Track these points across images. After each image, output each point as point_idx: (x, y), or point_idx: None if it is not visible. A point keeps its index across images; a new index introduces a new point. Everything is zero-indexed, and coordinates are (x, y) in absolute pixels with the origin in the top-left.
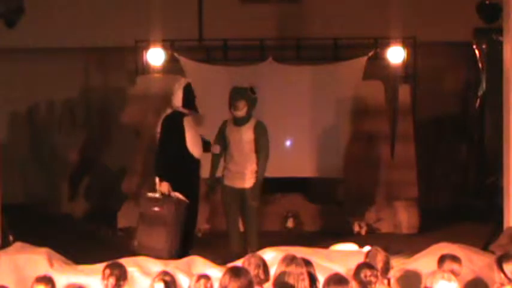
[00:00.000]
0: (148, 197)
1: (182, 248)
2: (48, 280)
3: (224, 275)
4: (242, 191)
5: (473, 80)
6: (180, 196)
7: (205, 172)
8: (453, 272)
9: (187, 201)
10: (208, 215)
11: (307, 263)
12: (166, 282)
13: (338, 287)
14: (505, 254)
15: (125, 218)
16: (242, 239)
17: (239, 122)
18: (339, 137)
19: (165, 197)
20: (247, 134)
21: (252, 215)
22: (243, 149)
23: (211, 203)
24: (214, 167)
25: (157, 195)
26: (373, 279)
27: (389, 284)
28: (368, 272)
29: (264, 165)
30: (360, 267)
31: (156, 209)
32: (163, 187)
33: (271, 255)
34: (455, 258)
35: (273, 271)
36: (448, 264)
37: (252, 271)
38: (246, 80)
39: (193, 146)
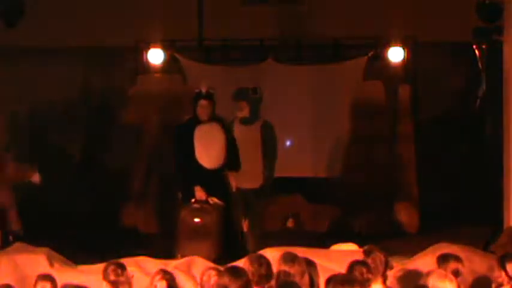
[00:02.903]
0: (187, 208)
1: (228, 252)
2: (50, 278)
3: (223, 275)
4: (248, 191)
5: (473, 80)
6: (217, 201)
7: None
8: (456, 272)
9: (223, 204)
10: None
11: (310, 263)
12: (168, 281)
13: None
14: (507, 254)
15: (127, 218)
16: (243, 239)
17: (245, 122)
18: (339, 137)
19: (204, 205)
20: (253, 133)
21: (255, 215)
22: (249, 149)
23: None
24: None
25: (195, 204)
26: (370, 277)
27: (385, 282)
28: (364, 270)
29: (272, 165)
30: (353, 265)
31: (197, 219)
32: (200, 194)
33: (272, 255)
34: (458, 258)
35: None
36: (451, 264)
37: (255, 270)
38: (246, 80)
39: (201, 157)
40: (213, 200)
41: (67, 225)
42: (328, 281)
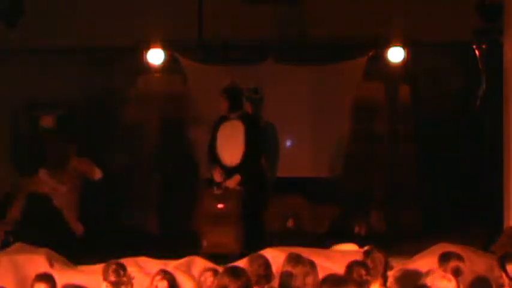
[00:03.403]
0: (210, 194)
1: (252, 241)
2: (48, 278)
3: (223, 275)
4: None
5: (473, 80)
6: (235, 185)
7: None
8: (456, 271)
9: (242, 190)
10: None
11: (310, 263)
12: (168, 281)
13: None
14: (507, 254)
15: (127, 218)
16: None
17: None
18: (339, 137)
19: (227, 191)
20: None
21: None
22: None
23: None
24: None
25: (217, 191)
26: (368, 278)
27: (385, 284)
28: (363, 271)
29: (274, 165)
30: (351, 266)
31: (220, 205)
32: (234, 181)
33: (272, 255)
34: (459, 257)
35: (273, 271)
36: (452, 263)
37: (256, 271)
38: (246, 80)
39: (221, 152)
40: (231, 184)
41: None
42: (323, 281)
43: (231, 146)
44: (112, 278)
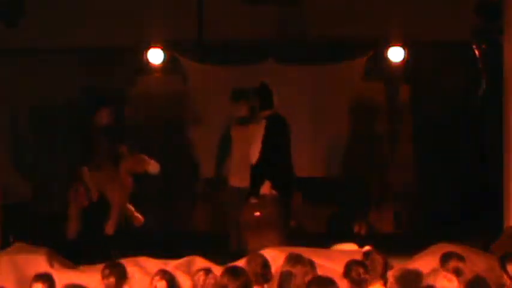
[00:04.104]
0: (248, 204)
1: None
2: (46, 278)
3: (223, 274)
4: (246, 191)
5: (473, 80)
6: (275, 193)
7: (209, 172)
8: (457, 271)
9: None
10: (209, 215)
11: (310, 263)
12: (167, 281)
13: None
14: (508, 254)
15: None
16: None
17: (243, 122)
18: (339, 137)
19: (264, 198)
20: (252, 133)
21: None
22: (247, 149)
23: (212, 203)
24: (219, 166)
25: (254, 199)
26: (366, 277)
27: (385, 284)
28: (361, 270)
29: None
30: (350, 265)
31: (257, 213)
32: (266, 188)
33: (272, 255)
34: (459, 257)
35: (273, 271)
36: (452, 263)
37: (255, 270)
38: (246, 80)
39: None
40: (273, 193)
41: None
42: (309, 283)
43: (257, 147)
44: (111, 277)
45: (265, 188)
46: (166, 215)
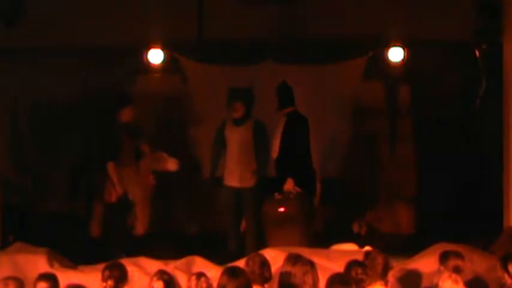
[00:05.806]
0: (272, 199)
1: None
2: (50, 278)
3: (222, 274)
4: (242, 191)
5: (473, 80)
6: (299, 189)
7: (205, 172)
8: (457, 269)
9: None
10: (208, 215)
11: (311, 264)
12: (164, 281)
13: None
14: (509, 254)
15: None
16: (241, 239)
17: (238, 122)
18: (339, 137)
19: (287, 195)
20: (246, 133)
21: (252, 214)
22: (242, 149)
23: (211, 203)
24: (214, 167)
25: (278, 196)
26: (364, 277)
27: (386, 285)
28: (359, 270)
29: (265, 165)
30: (350, 265)
31: (282, 209)
32: (289, 185)
33: (272, 255)
34: (458, 255)
35: (273, 271)
36: (451, 261)
37: (255, 270)
38: (246, 80)
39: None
40: (297, 190)
41: (67, 226)
42: (331, 281)
43: (276, 144)
44: (111, 278)
45: (289, 185)
46: (165, 215)
